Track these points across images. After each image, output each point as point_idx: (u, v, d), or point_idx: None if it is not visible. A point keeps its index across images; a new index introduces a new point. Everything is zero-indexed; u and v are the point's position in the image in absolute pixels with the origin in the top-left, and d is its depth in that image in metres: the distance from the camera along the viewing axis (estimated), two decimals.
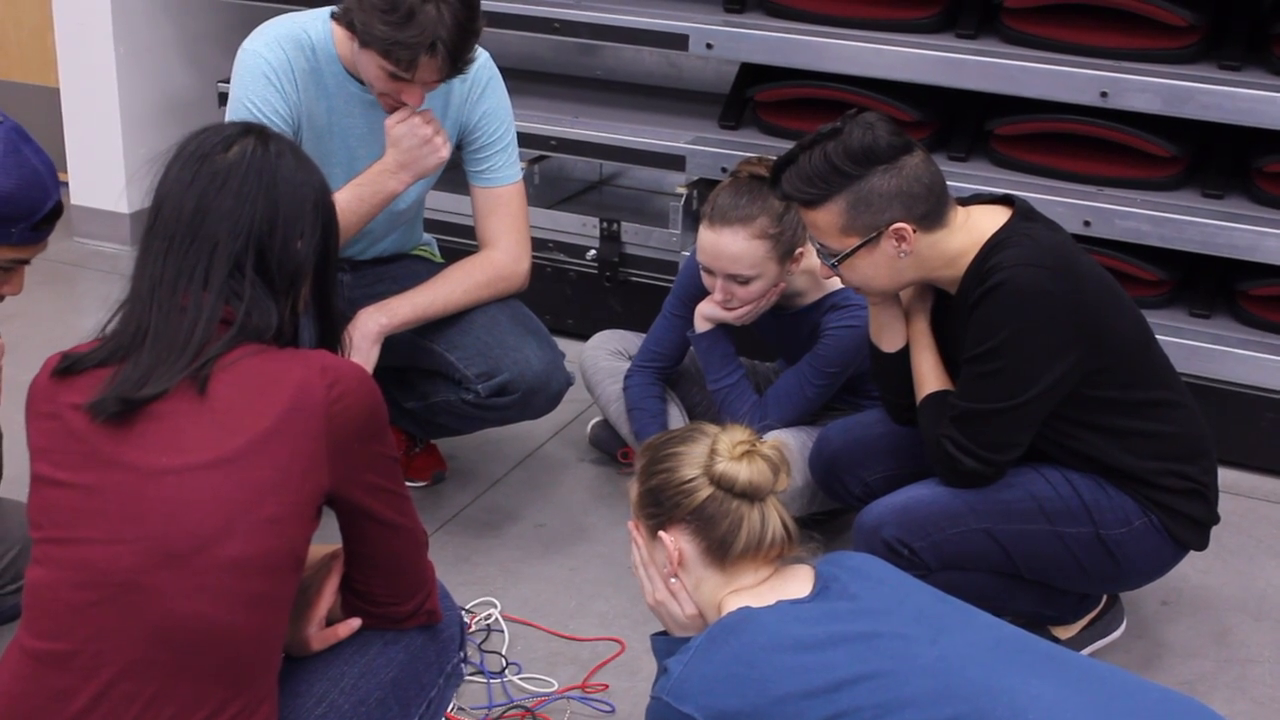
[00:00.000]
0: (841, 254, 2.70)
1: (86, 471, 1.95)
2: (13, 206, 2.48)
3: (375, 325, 3.14)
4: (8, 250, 2.53)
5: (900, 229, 2.65)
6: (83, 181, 5.06)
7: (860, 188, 2.64)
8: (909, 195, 2.65)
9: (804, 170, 2.67)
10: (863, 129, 2.65)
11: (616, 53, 4.72)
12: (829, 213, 2.68)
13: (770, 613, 2.03)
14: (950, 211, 2.71)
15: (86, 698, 1.92)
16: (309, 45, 3.11)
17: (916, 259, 2.70)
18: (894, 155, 2.65)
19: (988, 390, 2.67)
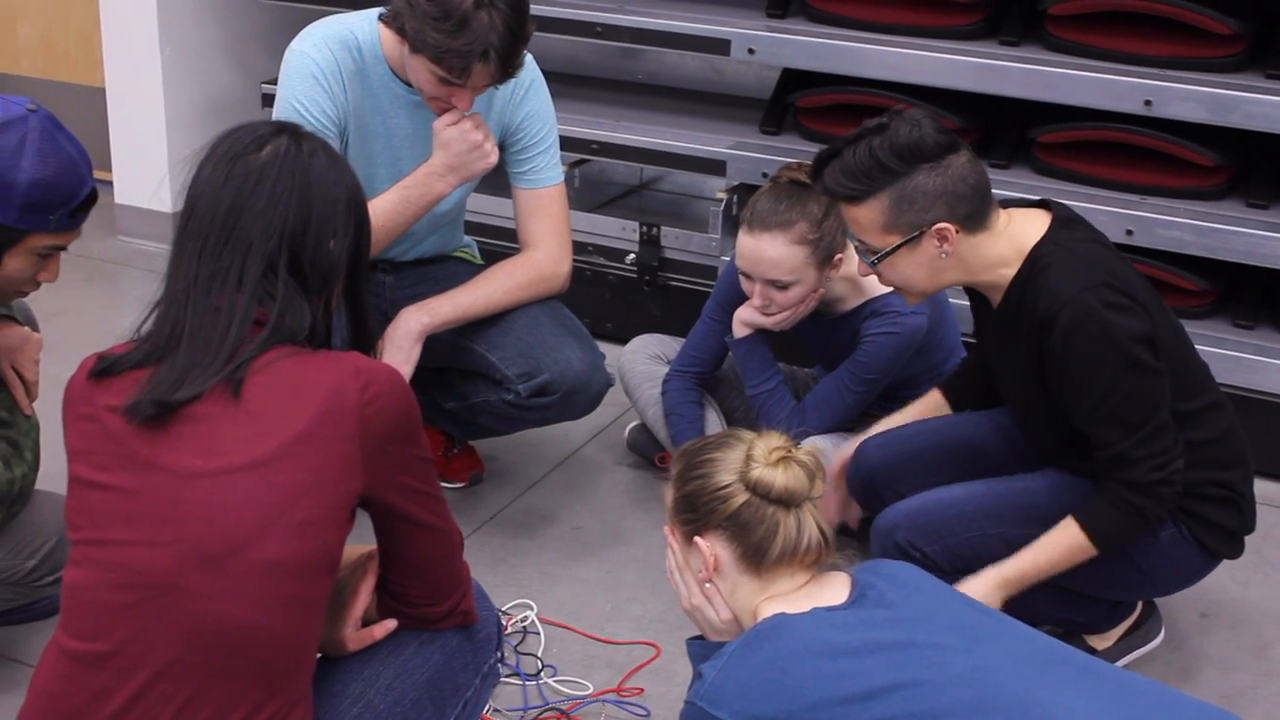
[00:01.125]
0: (882, 252, 2.66)
1: (124, 473, 1.96)
2: (51, 193, 2.50)
3: (417, 324, 3.16)
4: (46, 237, 2.55)
5: (943, 229, 2.62)
6: (127, 180, 5.10)
7: (904, 185, 2.61)
8: (953, 195, 2.61)
9: (848, 165, 2.63)
10: (910, 125, 2.61)
11: (658, 57, 4.73)
12: (871, 209, 2.64)
13: (805, 619, 2.03)
14: (994, 214, 2.68)
15: (124, 698, 1.93)
16: (356, 46, 3.12)
17: (958, 260, 2.67)
18: (940, 153, 2.61)
19: (1135, 415, 2.60)
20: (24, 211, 2.48)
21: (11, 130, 2.47)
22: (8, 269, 2.56)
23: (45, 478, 2.70)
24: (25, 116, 2.49)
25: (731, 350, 3.40)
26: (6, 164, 2.45)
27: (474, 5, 2.84)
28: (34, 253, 2.56)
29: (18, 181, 2.46)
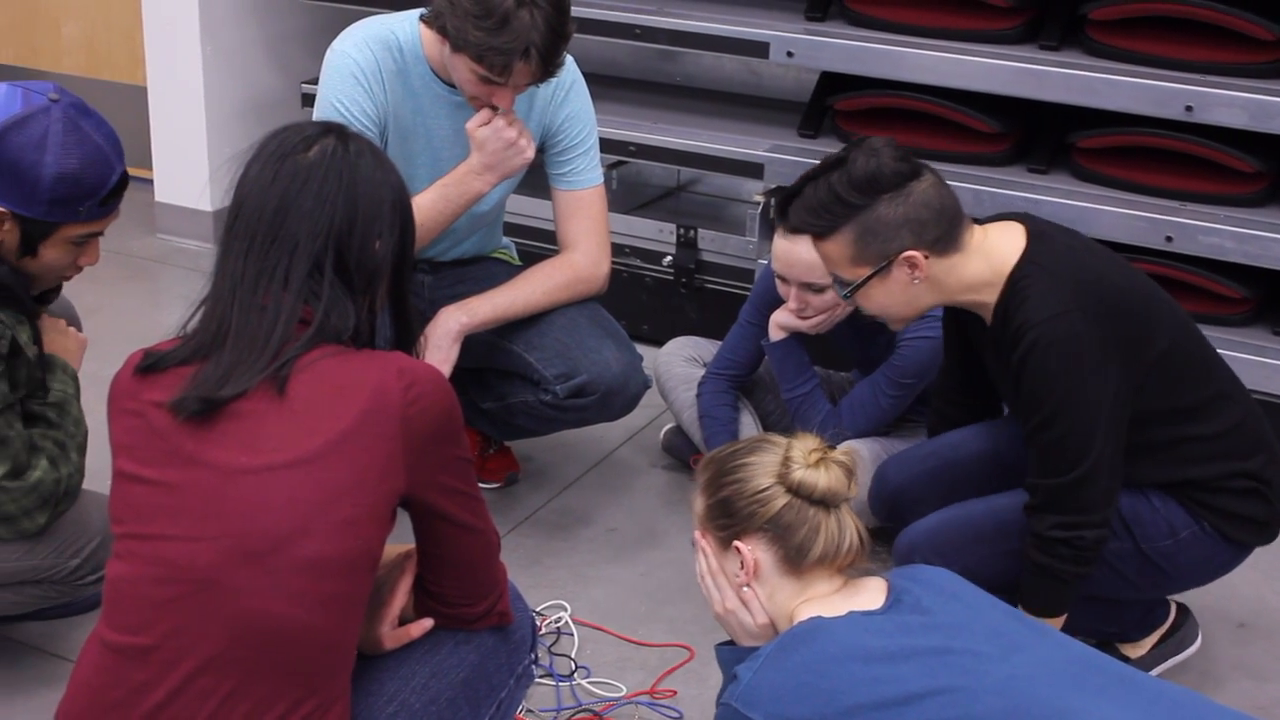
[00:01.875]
0: (854, 284, 2.67)
1: (168, 469, 1.98)
2: (78, 186, 2.50)
3: (455, 324, 3.17)
4: (78, 227, 2.56)
5: (911, 256, 2.61)
6: (167, 179, 5.13)
7: (867, 217, 2.60)
8: (918, 222, 2.60)
9: (810, 202, 2.64)
10: (866, 156, 2.61)
11: (696, 59, 4.73)
12: (838, 244, 2.65)
13: (842, 623, 2.03)
14: (965, 234, 2.66)
15: (164, 691, 1.95)
16: (397, 46, 3.14)
17: (932, 285, 2.66)
18: (900, 182, 2.60)
19: (1063, 458, 2.59)
20: (52, 205, 2.49)
21: (33, 124, 2.47)
22: (45, 259, 2.57)
23: (89, 474, 2.72)
24: (47, 108, 2.48)
25: (767, 353, 3.40)
26: (30, 159, 2.46)
27: (515, 3, 2.85)
28: (69, 242, 2.57)
29: (42, 177, 2.46)
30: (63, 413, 2.66)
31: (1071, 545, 2.61)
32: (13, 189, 2.47)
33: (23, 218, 2.50)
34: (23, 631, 2.97)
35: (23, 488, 2.52)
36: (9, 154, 2.45)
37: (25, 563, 2.63)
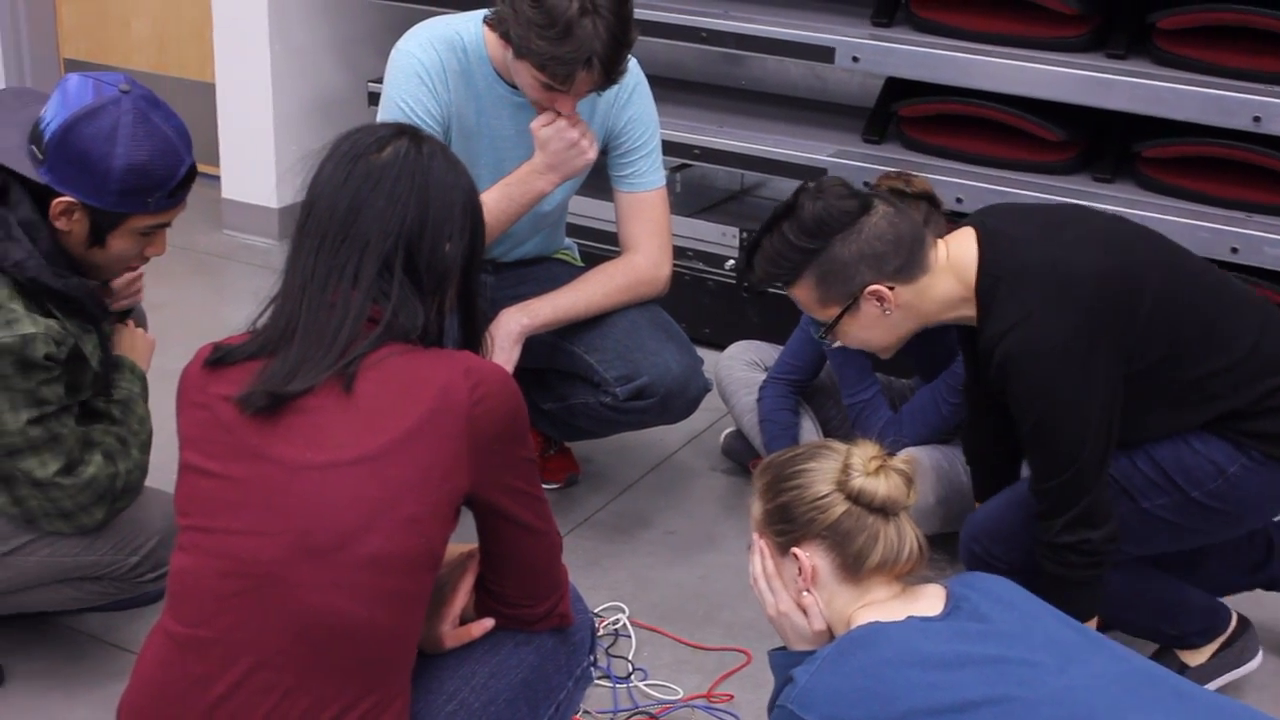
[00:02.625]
0: (827, 325, 2.70)
1: (234, 463, 1.99)
2: (147, 177, 2.52)
3: (517, 325, 3.18)
4: (146, 218, 2.58)
5: (876, 290, 2.62)
6: (234, 176, 5.17)
7: (823, 261, 2.62)
8: (874, 256, 2.61)
9: (768, 254, 2.67)
10: (812, 199, 2.63)
11: (762, 63, 4.73)
12: (803, 289, 2.67)
13: (900, 628, 2.02)
14: (928, 257, 2.65)
15: (226, 685, 1.96)
16: (461, 46, 3.16)
17: (907, 311, 2.67)
18: (850, 220, 2.61)
19: (1056, 459, 2.58)
20: (121, 196, 2.51)
21: (104, 115, 2.48)
22: (112, 250, 2.59)
23: (154, 468, 2.75)
24: (118, 99, 2.49)
25: (830, 359, 3.39)
26: (100, 150, 2.47)
27: (578, 13, 2.85)
28: (137, 233, 2.59)
29: (112, 168, 2.48)
30: (127, 411, 2.69)
31: (1079, 550, 2.61)
32: (83, 179, 2.49)
33: (92, 208, 2.52)
34: (85, 623, 3.01)
35: (77, 484, 2.55)
36: (80, 144, 2.48)
37: (84, 558, 2.65)
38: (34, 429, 2.48)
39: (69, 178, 2.49)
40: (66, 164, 2.48)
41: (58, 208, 2.51)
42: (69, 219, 2.54)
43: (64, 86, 2.52)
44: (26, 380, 2.45)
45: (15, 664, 2.89)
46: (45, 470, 2.51)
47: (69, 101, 2.49)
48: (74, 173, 2.49)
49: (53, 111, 2.50)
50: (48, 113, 2.51)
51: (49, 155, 2.49)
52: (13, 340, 2.43)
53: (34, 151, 2.52)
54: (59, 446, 2.52)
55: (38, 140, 2.51)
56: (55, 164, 2.49)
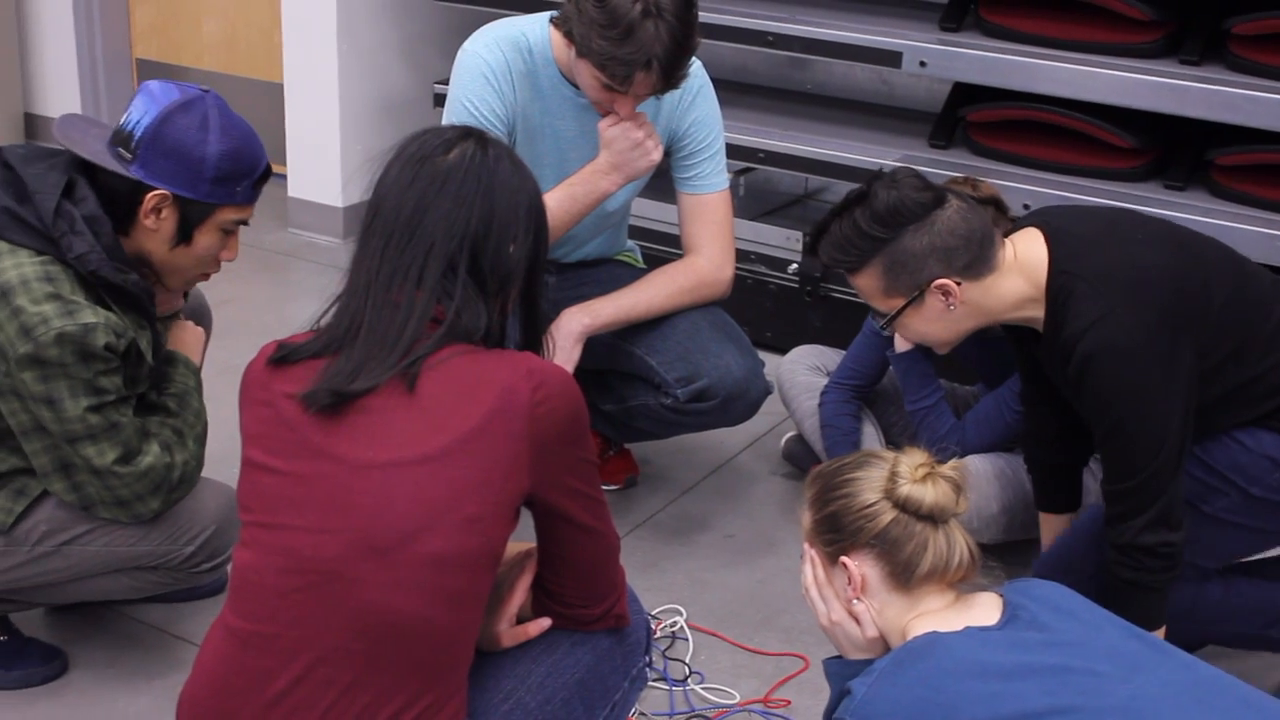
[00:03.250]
0: (889, 315, 2.67)
1: (297, 460, 2.00)
2: (238, 164, 2.59)
3: (578, 325, 3.18)
4: (232, 211, 2.63)
5: (943, 284, 2.60)
6: (300, 175, 5.21)
7: (893, 250, 2.60)
8: (945, 250, 2.59)
9: (836, 239, 2.65)
10: (887, 189, 2.61)
11: (828, 67, 4.71)
12: (868, 278, 2.65)
13: (959, 638, 2.00)
14: (997, 256, 2.64)
15: (286, 680, 1.97)
16: (527, 48, 3.16)
17: (971, 309, 2.65)
18: (923, 212, 2.60)
19: (1135, 459, 2.55)
20: (214, 185, 2.57)
21: (194, 109, 2.56)
22: (198, 247, 2.64)
23: (212, 460, 2.77)
24: (202, 96, 2.58)
25: (893, 364, 3.37)
26: (194, 139, 2.54)
27: (641, 15, 2.86)
28: (220, 228, 2.64)
29: (207, 155, 2.55)
30: (183, 404, 2.72)
31: (1158, 553, 2.57)
32: (178, 170, 2.55)
33: (183, 202, 2.57)
34: (147, 613, 3.04)
35: (134, 473, 2.58)
36: (175, 135, 2.54)
37: (140, 548, 2.68)
38: (93, 416, 2.51)
39: (163, 170, 2.55)
40: (161, 157, 2.54)
41: (150, 203, 2.56)
42: (158, 216, 2.58)
43: (147, 89, 2.59)
44: (86, 369, 2.49)
45: (78, 653, 2.92)
46: (103, 458, 2.54)
47: (157, 100, 2.56)
48: (169, 164, 2.55)
49: (140, 111, 2.56)
50: (133, 114, 2.57)
51: (141, 151, 2.55)
52: (75, 329, 2.46)
53: (120, 153, 2.57)
54: (117, 435, 2.54)
55: (124, 141, 2.57)
56: (148, 159, 2.55)
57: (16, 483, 2.63)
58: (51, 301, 2.47)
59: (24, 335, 2.46)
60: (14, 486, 2.62)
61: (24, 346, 2.46)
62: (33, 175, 2.55)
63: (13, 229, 2.52)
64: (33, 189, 2.53)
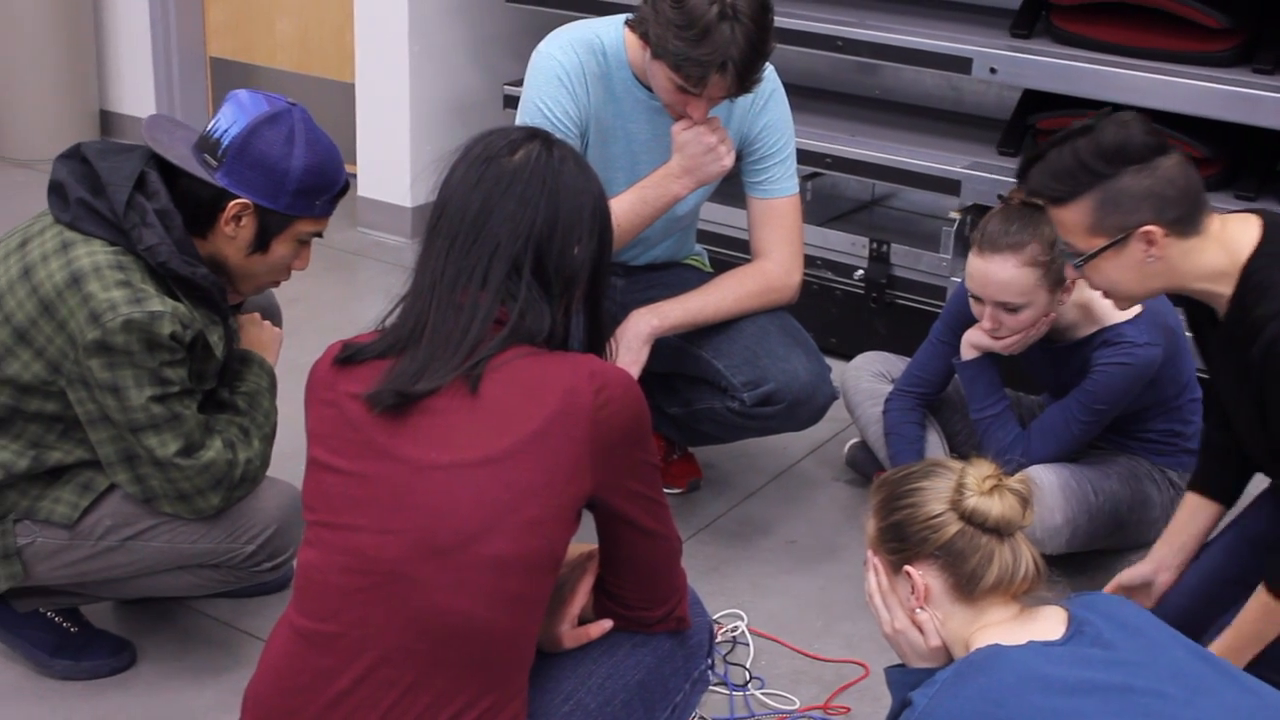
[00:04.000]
0: (1087, 254, 2.60)
1: (361, 460, 2.02)
2: (320, 179, 2.63)
3: (646, 326, 3.19)
4: (309, 223, 2.68)
5: (1149, 232, 2.54)
6: (370, 174, 5.25)
7: (1110, 187, 2.53)
8: (1161, 198, 2.53)
9: (1053, 166, 2.58)
10: (1116, 126, 2.55)
11: (896, 73, 4.70)
12: (1076, 211, 2.58)
13: (1022, 651, 1.99)
14: (1205, 219, 2.58)
15: (349, 679, 1.99)
16: (600, 50, 3.17)
17: (1167, 266, 2.58)
18: (1148, 155, 2.53)
19: None
20: (295, 197, 2.61)
21: (282, 122, 2.60)
22: (273, 255, 2.68)
23: (278, 458, 2.79)
24: (289, 109, 2.62)
25: (959, 372, 3.36)
26: (280, 152, 2.58)
27: (718, 17, 2.86)
28: (296, 239, 2.69)
29: (291, 169, 2.59)
30: (253, 403, 2.74)
31: None
32: (262, 181, 2.59)
33: (263, 211, 2.62)
34: (214, 608, 3.07)
35: (195, 466, 2.60)
36: (261, 147, 2.58)
37: (201, 545, 2.70)
38: (155, 406, 2.54)
39: (248, 180, 2.59)
40: (247, 167, 2.58)
41: (231, 210, 2.61)
42: (237, 224, 2.63)
43: (235, 99, 2.63)
44: (152, 358, 2.52)
45: (147, 646, 2.96)
46: (165, 450, 2.57)
47: (247, 110, 2.60)
48: (254, 175, 2.59)
49: (228, 120, 2.60)
50: (220, 122, 2.61)
51: (227, 160, 2.59)
52: (141, 316, 2.50)
53: (206, 159, 2.61)
54: (179, 427, 2.57)
55: (211, 148, 2.61)
56: (234, 168, 2.58)
57: (82, 477, 2.67)
58: (121, 288, 2.51)
59: (92, 321, 2.50)
60: (80, 481, 2.67)
61: (92, 332, 2.50)
62: (107, 169, 2.59)
63: (87, 220, 2.57)
64: (106, 181, 2.57)
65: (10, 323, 2.57)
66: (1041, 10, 4.16)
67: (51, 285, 2.54)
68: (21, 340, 2.56)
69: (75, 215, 2.58)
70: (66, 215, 2.59)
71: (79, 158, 2.64)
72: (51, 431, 2.63)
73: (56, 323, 2.53)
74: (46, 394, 2.58)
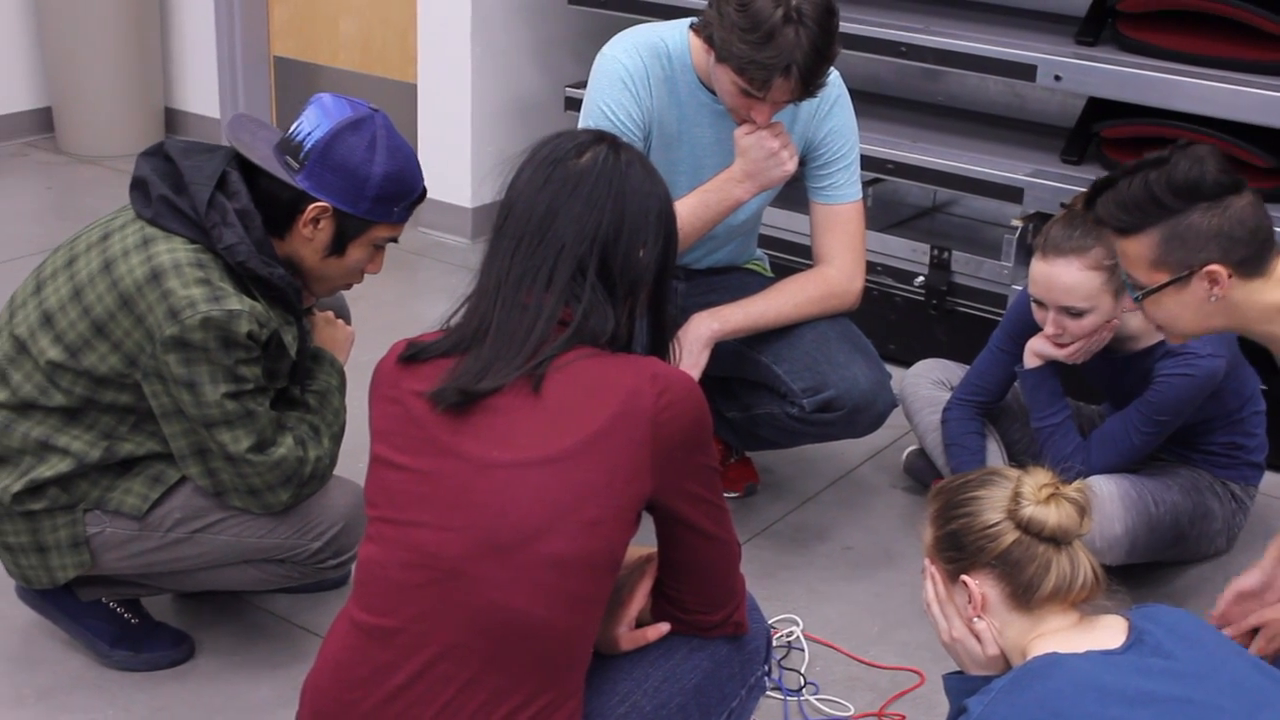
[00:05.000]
0: (1149, 289, 2.58)
1: (423, 457, 2.03)
2: (399, 186, 2.65)
3: (707, 330, 3.19)
4: (385, 229, 2.70)
5: (1214, 271, 2.52)
6: (431, 174, 5.13)
7: (1178, 222, 2.52)
8: (1229, 237, 2.51)
9: (1122, 196, 2.56)
10: (1190, 161, 2.52)
11: (960, 79, 4.68)
12: (1141, 244, 2.56)
13: (1080, 660, 1.98)
14: (1273, 261, 2.56)
15: (407, 674, 2.00)
16: (665, 54, 3.18)
17: (1228, 306, 2.56)
18: (1219, 193, 2.51)
19: None
20: (374, 203, 2.63)
21: (364, 128, 2.61)
22: (349, 259, 2.71)
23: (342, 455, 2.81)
24: (372, 116, 2.64)
25: (1020, 381, 3.34)
26: (362, 158, 2.60)
27: (783, 20, 2.86)
28: (372, 244, 2.71)
29: (372, 175, 2.61)
30: (324, 401, 2.77)
31: None
32: (343, 186, 2.61)
33: (341, 215, 2.64)
34: (272, 603, 3.09)
35: (266, 462, 2.63)
36: (343, 152, 2.60)
37: (268, 540, 2.73)
38: (230, 403, 2.57)
39: (329, 184, 2.61)
40: (328, 171, 2.60)
41: (310, 213, 2.63)
42: (315, 226, 2.65)
43: (319, 102, 2.65)
44: (227, 356, 2.55)
45: (205, 639, 2.98)
46: (238, 445, 2.59)
47: (330, 114, 2.62)
48: (335, 179, 2.61)
49: (311, 124, 2.62)
50: (303, 125, 2.63)
51: (309, 163, 2.61)
52: (219, 314, 2.52)
53: (288, 161, 2.63)
54: (252, 424, 2.60)
55: (294, 151, 2.63)
56: (315, 171, 2.61)
57: (154, 469, 2.70)
58: (200, 286, 2.54)
59: (171, 317, 2.53)
60: (150, 473, 2.69)
61: (170, 329, 2.53)
62: (189, 167, 2.62)
63: (168, 217, 2.60)
64: (189, 180, 2.60)
65: (89, 315, 2.60)
66: (1107, 17, 4.13)
67: (131, 280, 2.57)
68: (99, 333, 2.59)
69: (157, 212, 2.61)
70: (148, 211, 2.62)
71: (162, 155, 2.67)
72: (124, 423, 2.66)
73: (135, 317, 2.56)
74: (121, 386, 2.62)
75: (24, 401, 2.64)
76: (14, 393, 2.65)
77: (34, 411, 2.64)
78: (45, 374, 2.63)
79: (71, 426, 2.65)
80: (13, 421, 2.65)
